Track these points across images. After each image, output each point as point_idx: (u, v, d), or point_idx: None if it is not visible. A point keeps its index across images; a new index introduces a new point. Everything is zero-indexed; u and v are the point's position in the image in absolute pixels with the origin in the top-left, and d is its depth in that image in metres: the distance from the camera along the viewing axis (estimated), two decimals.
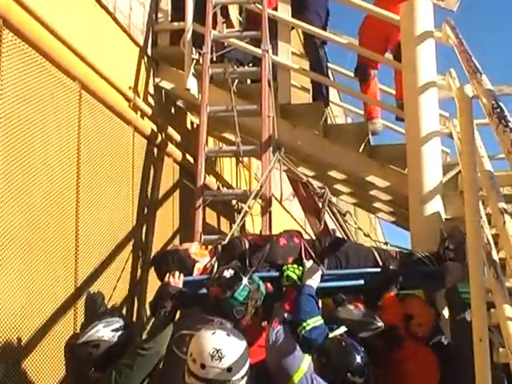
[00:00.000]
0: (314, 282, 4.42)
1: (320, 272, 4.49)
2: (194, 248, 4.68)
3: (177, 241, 6.55)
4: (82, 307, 4.83)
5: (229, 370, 3.35)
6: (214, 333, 3.51)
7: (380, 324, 4.36)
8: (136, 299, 5.65)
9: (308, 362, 3.93)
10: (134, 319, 5.58)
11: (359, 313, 4.40)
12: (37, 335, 4.32)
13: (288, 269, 4.50)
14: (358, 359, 4.02)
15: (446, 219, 5.58)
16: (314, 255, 4.65)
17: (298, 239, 4.73)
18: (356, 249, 4.94)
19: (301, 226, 13.92)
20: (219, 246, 4.68)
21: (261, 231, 5.37)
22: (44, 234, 4.45)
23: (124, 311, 5.42)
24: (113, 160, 5.45)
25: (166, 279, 4.32)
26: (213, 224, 7.34)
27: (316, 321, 4.14)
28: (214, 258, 4.57)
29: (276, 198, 5.32)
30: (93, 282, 5.00)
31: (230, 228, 7.99)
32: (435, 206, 5.54)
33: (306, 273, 4.45)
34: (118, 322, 4.38)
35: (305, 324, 4.09)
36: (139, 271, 5.78)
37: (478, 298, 3.51)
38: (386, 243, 5.17)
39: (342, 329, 4.25)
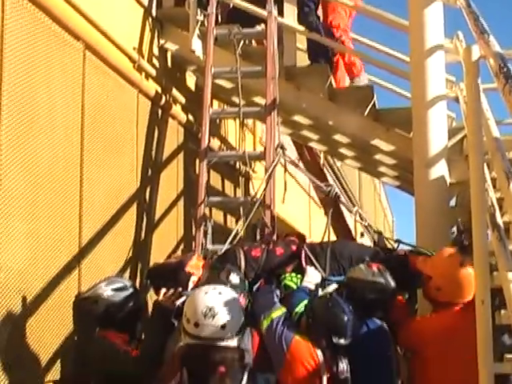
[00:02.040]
0: (312, 286, 4.36)
1: (320, 277, 4.43)
2: (191, 260, 4.51)
3: (181, 202, 6.55)
4: (86, 268, 4.83)
5: (223, 327, 3.41)
6: (206, 292, 3.56)
7: (392, 285, 4.26)
8: (139, 261, 5.66)
9: (281, 313, 4.02)
10: (138, 281, 5.60)
11: (369, 273, 4.29)
12: (41, 296, 4.33)
13: (285, 278, 4.44)
14: (343, 319, 3.93)
15: (450, 183, 5.57)
16: (315, 261, 4.54)
17: (295, 246, 4.62)
18: (360, 251, 4.79)
19: (305, 191, 13.89)
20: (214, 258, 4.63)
21: (264, 195, 5.33)
22: (48, 194, 4.45)
23: (128, 272, 5.44)
24: (117, 121, 5.42)
25: (159, 298, 4.22)
26: (217, 187, 7.33)
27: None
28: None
29: (280, 163, 5.29)
30: (97, 242, 5.00)
31: (235, 191, 8.02)
32: (440, 170, 5.53)
33: (306, 278, 4.39)
34: (121, 283, 4.40)
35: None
36: (143, 233, 5.79)
37: (481, 261, 3.51)
38: (396, 241, 5.05)
39: (332, 287, 4.27)
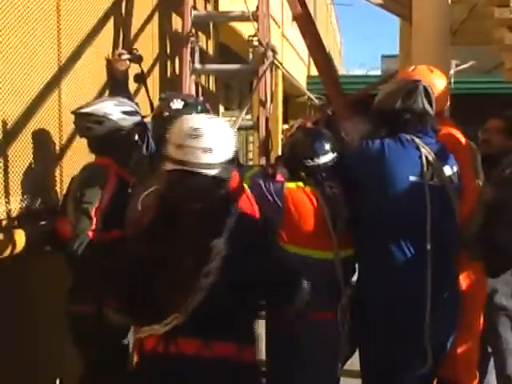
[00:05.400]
0: None
1: None
2: None
3: (155, 17, 6.05)
4: (66, 88, 4.45)
5: (208, 150, 2.80)
6: (194, 115, 3.15)
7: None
8: None
9: (256, 170, 3.89)
10: None
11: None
12: (22, 120, 3.96)
13: None
14: (304, 139, 3.84)
15: (452, 2, 5.26)
16: None
17: None
18: None
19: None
20: None
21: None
22: (25, 10, 3.95)
23: (107, 93, 5.06)
24: None
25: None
26: None
27: None
28: None
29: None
30: (75, 60, 4.56)
31: (205, 7, 7.51)
32: None
33: None
34: (131, 107, 3.92)
35: None
36: (120, 47, 5.31)
37: None
38: None
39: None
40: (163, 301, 2.76)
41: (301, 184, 3.75)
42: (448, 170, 3.65)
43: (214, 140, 2.81)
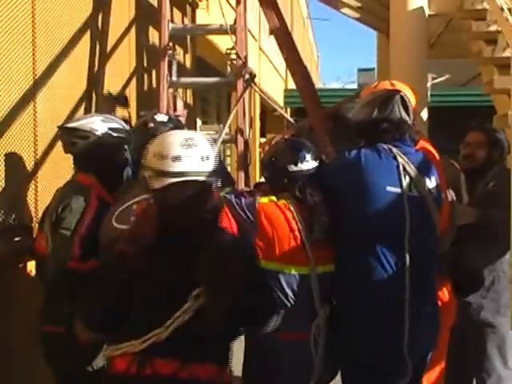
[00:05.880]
0: None
1: None
2: None
3: (133, 30, 6.01)
4: (40, 101, 4.38)
5: (207, 158, 2.72)
6: (175, 131, 2.98)
7: None
8: (94, 92, 5.22)
9: (228, 189, 3.67)
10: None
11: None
12: None
13: None
14: (287, 145, 3.78)
15: (429, 15, 5.28)
16: None
17: None
18: None
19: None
20: None
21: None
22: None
23: (84, 104, 5.00)
24: None
25: None
26: None
27: None
28: None
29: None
30: (51, 74, 4.51)
31: (182, 21, 7.49)
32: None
33: None
34: (118, 124, 3.73)
35: None
36: (97, 61, 5.30)
37: None
38: None
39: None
40: (148, 316, 2.68)
41: (273, 198, 3.62)
42: (427, 181, 3.59)
43: (208, 148, 2.77)
